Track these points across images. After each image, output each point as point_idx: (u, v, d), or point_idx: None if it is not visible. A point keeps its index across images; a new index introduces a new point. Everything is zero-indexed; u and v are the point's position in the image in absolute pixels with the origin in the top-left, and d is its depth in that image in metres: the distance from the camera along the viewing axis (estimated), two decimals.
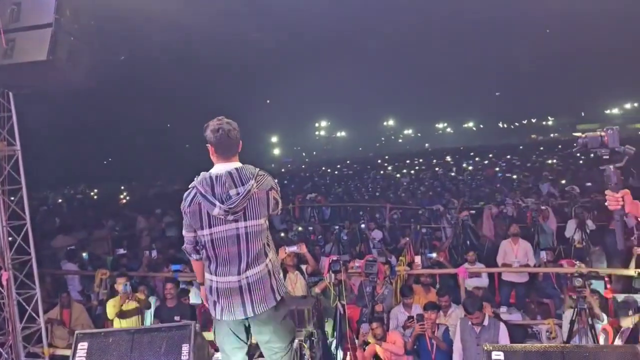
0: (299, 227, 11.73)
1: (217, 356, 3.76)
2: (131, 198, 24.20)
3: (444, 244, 10.30)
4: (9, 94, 5.87)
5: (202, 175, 3.02)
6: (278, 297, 3.12)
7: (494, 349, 2.52)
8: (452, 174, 24.02)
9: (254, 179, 2.98)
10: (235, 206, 2.91)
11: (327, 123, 60.41)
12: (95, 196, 27.31)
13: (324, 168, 34.68)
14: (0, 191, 5.88)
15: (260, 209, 3.02)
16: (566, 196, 12.21)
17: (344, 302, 6.07)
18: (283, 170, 36.04)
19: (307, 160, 51.14)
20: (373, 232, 11.01)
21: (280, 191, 3.20)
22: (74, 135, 21.81)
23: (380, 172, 28.10)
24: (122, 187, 28.77)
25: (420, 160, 33.95)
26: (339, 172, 31.19)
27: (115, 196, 25.67)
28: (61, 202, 23.49)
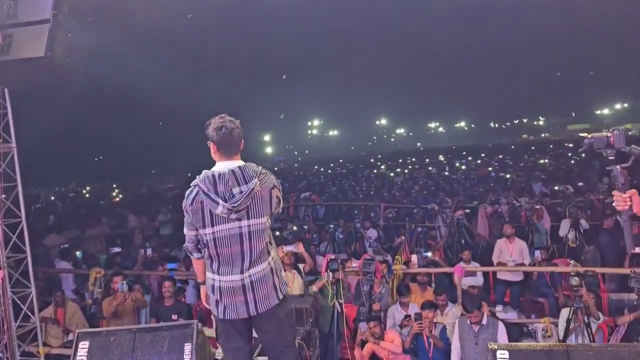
0: (293, 227, 11.70)
1: (218, 355, 3.75)
2: (124, 196, 24.02)
3: (438, 242, 10.32)
4: (5, 90, 5.81)
5: (204, 174, 2.97)
6: (281, 295, 3.10)
7: (498, 347, 2.53)
8: (446, 173, 24.07)
9: (257, 177, 2.95)
10: (238, 205, 2.88)
11: (320, 122, 60.31)
12: (87, 194, 27.09)
13: (316, 167, 34.62)
14: None
15: (263, 207, 2.99)
16: (560, 196, 12.32)
17: (342, 300, 6.07)
18: (276, 169, 35.91)
19: (300, 159, 51.06)
20: (368, 231, 11.00)
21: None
22: (65, 132, 21.57)
23: (374, 171, 28.04)
24: (114, 185, 28.58)
25: (413, 160, 33.98)
26: (332, 171, 31.11)
27: (107, 194, 25.48)
28: (54, 200, 23.28)
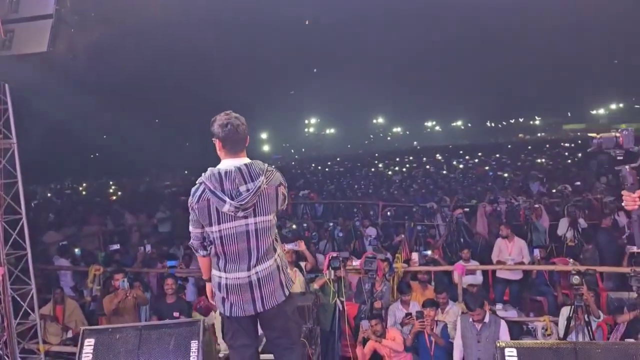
0: (293, 225, 11.69)
1: (224, 352, 3.75)
2: (121, 193, 23.94)
3: (438, 241, 10.34)
4: (5, 86, 5.76)
5: (210, 171, 2.94)
6: (287, 291, 3.09)
7: (507, 345, 2.53)
8: (444, 172, 24.09)
9: (264, 174, 2.94)
10: (246, 203, 2.86)
11: (317, 120, 60.25)
12: (84, 191, 26.98)
13: (313, 165, 34.58)
14: None
15: (269, 205, 2.98)
16: (558, 195, 12.36)
17: (343, 298, 6.08)
18: (273, 167, 35.80)
19: (297, 157, 51.01)
20: (367, 230, 11.02)
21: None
22: (63, 128, 21.45)
23: (372, 170, 28.04)
24: (110, 183, 28.48)
25: (411, 158, 33.97)
26: (329, 169, 31.07)
27: (104, 192, 25.39)
28: (51, 197, 23.17)
